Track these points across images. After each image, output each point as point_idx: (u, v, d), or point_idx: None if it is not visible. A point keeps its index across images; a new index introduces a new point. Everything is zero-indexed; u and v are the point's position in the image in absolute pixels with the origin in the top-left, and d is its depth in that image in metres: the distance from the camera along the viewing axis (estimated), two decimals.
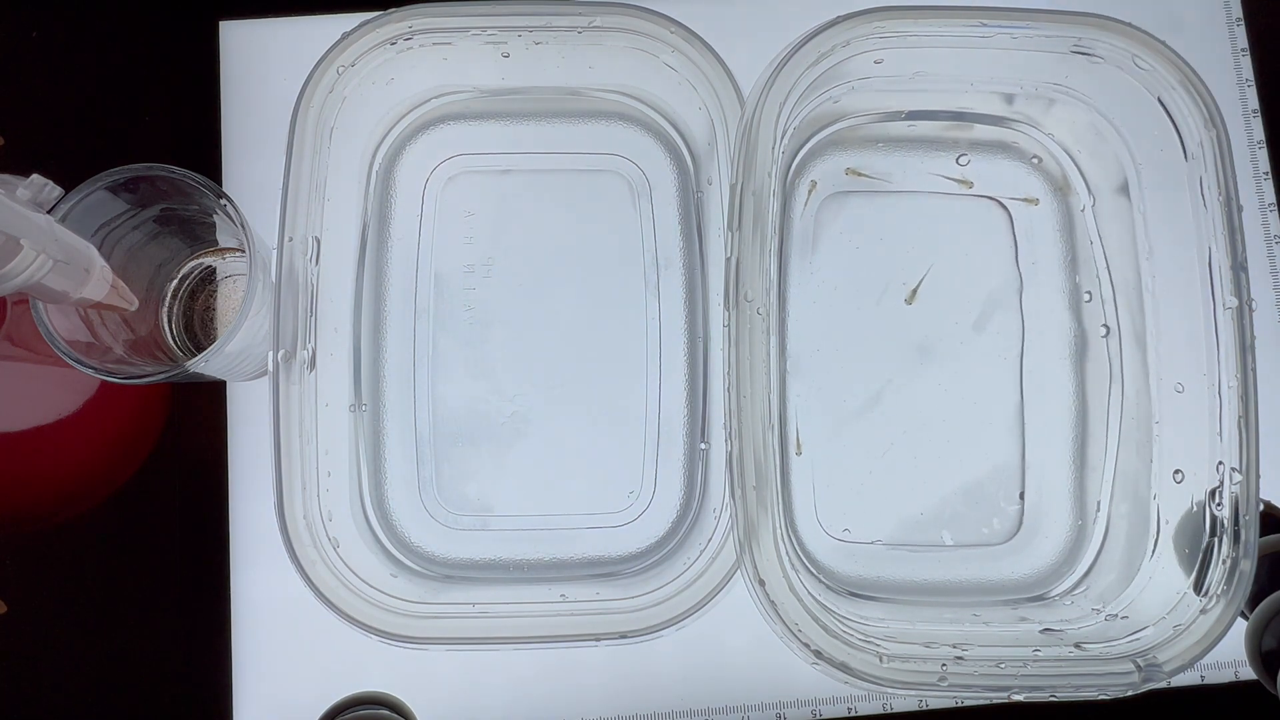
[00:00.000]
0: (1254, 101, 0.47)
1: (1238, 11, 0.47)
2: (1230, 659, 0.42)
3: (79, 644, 0.43)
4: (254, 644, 0.42)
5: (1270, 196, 0.46)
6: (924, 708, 0.42)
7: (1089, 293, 0.42)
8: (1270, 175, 0.46)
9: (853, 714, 0.42)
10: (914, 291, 0.40)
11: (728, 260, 0.34)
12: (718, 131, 0.38)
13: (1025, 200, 0.43)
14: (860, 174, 0.41)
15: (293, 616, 0.41)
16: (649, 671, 0.42)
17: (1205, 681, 0.43)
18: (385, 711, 0.34)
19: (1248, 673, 0.42)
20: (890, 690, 0.33)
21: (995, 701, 0.33)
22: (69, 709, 0.43)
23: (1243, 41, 0.47)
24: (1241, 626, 0.34)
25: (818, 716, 0.42)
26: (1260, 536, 0.34)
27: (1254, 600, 0.34)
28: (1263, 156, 0.46)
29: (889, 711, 0.42)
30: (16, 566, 0.43)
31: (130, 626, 0.43)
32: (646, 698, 0.42)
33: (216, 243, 0.42)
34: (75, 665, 0.43)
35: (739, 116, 0.37)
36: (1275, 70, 0.47)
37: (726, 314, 0.34)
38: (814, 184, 0.42)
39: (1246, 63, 0.47)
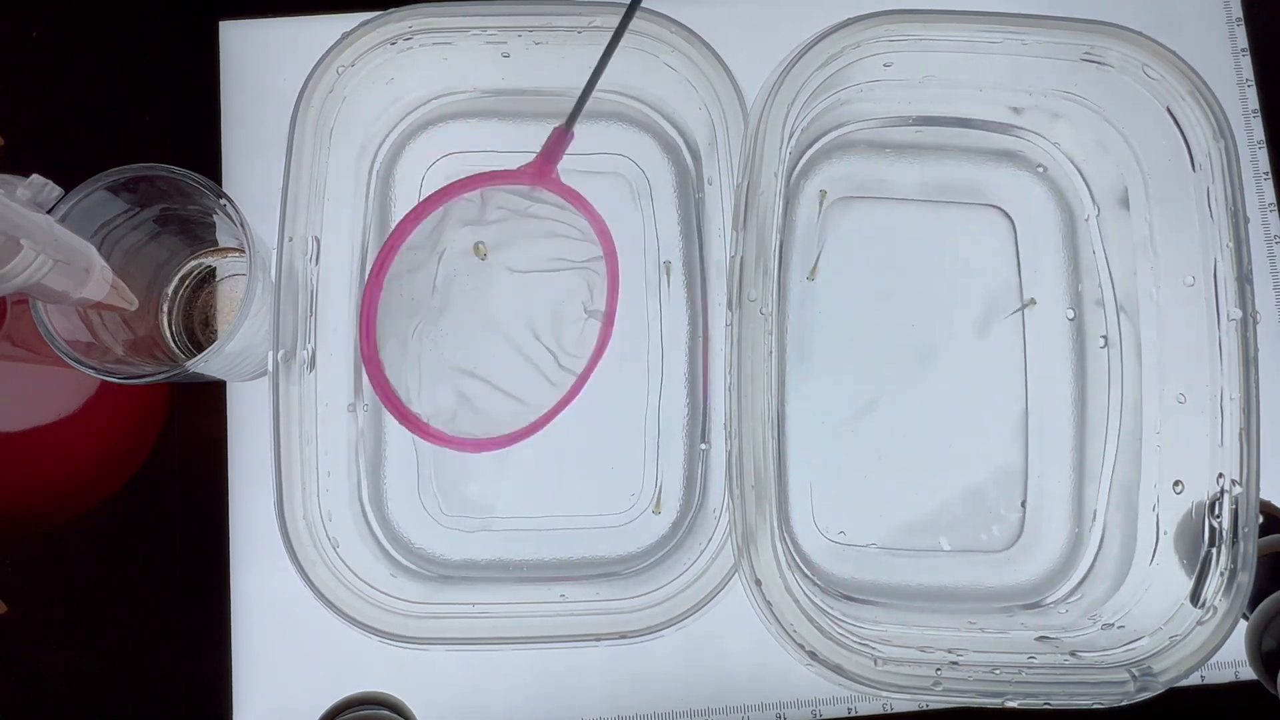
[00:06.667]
0: (1254, 101, 0.47)
1: (1238, 11, 0.47)
2: (1230, 659, 0.42)
3: (79, 644, 0.43)
4: (254, 644, 0.41)
5: (1270, 197, 0.46)
6: (924, 708, 0.42)
7: (1080, 307, 0.42)
8: (1270, 175, 0.46)
9: (853, 714, 0.42)
10: (814, 268, 0.40)
11: (731, 259, 0.34)
12: (718, 131, 0.38)
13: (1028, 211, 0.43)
14: (884, 146, 0.41)
15: (293, 616, 0.41)
16: (649, 671, 0.42)
17: (1205, 682, 0.43)
18: (385, 711, 0.34)
19: (1248, 673, 0.42)
20: (885, 694, 0.33)
21: (990, 707, 0.33)
22: (69, 709, 0.43)
23: (1243, 41, 0.47)
24: (1242, 627, 0.34)
25: (818, 717, 0.42)
26: (1260, 536, 0.34)
27: (1254, 600, 0.34)
28: (1263, 156, 0.46)
29: (889, 712, 0.42)
30: (16, 566, 0.43)
31: (130, 626, 0.43)
32: (646, 698, 0.42)
33: (216, 243, 0.42)
34: (75, 665, 0.43)
35: (744, 117, 0.37)
36: (1275, 70, 0.47)
37: (729, 313, 0.34)
38: (822, 192, 0.42)
39: (1246, 63, 0.47)
